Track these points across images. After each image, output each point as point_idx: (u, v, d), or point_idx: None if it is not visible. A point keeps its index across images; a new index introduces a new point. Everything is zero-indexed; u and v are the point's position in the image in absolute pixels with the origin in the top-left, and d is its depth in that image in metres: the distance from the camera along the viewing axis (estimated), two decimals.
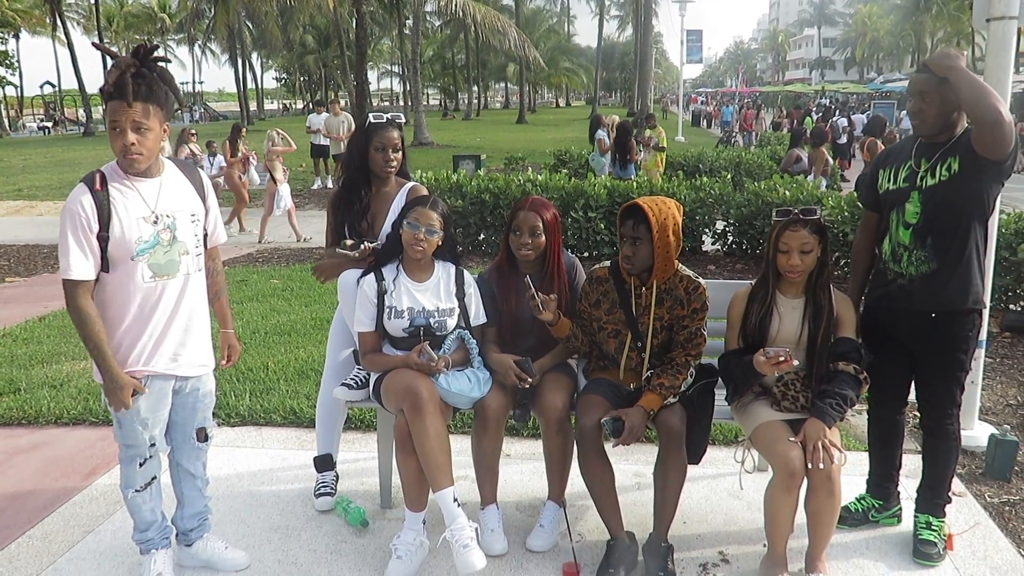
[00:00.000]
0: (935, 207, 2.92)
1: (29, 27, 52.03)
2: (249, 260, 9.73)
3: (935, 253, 2.94)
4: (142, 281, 2.63)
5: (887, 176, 3.09)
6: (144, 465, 2.81)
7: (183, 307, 2.74)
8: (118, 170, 2.61)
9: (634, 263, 2.99)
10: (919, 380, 3.13)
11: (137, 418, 2.71)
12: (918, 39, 60.05)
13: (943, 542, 3.10)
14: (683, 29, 34.79)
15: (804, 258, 2.90)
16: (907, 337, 3.07)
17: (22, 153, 30.23)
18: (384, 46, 69.55)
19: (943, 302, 2.96)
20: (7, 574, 3.05)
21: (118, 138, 2.51)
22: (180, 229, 2.69)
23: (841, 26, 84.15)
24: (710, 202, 9.10)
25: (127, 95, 2.46)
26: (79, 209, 2.50)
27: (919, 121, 2.92)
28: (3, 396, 4.93)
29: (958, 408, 3.11)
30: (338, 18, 34.63)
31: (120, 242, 2.56)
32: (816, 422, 2.77)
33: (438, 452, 2.86)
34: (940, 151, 2.92)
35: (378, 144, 3.32)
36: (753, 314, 3.02)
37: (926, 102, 2.87)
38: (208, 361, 2.91)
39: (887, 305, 3.10)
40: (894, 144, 3.22)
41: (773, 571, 2.89)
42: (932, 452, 3.15)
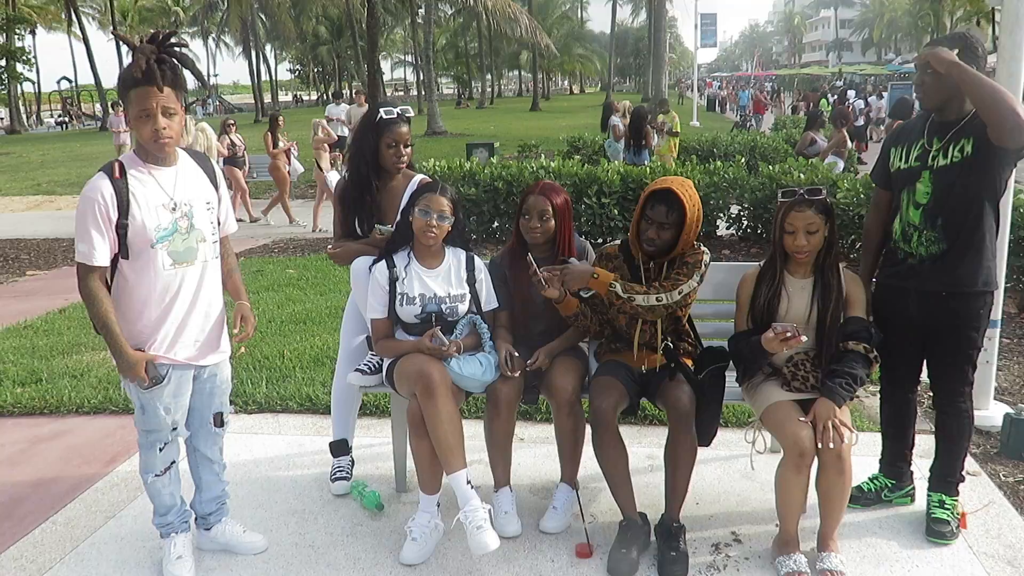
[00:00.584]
0: (946, 188, 2.90)
1: (45, 23, 52.43)
2: (265, 251, 9.80)
3: (945, 234, 2.93)
4: (162, 268, 2.67)
5: (899, 154, 3.08)
6: (164, 450, 2.86)
7: (202, 294, 2.79)
8: (137, 159, 2.65)
9: (658, 245, 3.01)
10: (931, 359, 3.12)
11: (161, 404, 2.76)
12: (937, 19, 59.21)
13: (956, 520, 3.10)
14: (697, 13, 34.54)
15: (810, 238, 2.90)
16: (919, 316, 3.06)
17: (40, 148, 30.55)
18: (397, 36, 69.48)
19: (953, 283, 2.95)
20: (32, 558, 3.13)
21: (147, 124, 2.55)
22: (197, 217, 2.73)
23: (858, 7, 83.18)
24: (724, 186, 9.06)
25: (156, 80, 2.50)
26: (98, 197, 2.54)
27: (923, 94, 2.92)
28: (25, 386, 5.01)
29: (970, 386, 3.10)
30: (350, 8, 34.68)
31: (140, 229, 2.60)
32: (826, 402, 2.78)
33: (451, 435, 2.89)
34: (952, 131, 2.90)
35: (390, 140, 3.32)
36: (762, 295, 3.02)
37: (928, 74, 2.86)
38: (225, 348, 2.96)
39: (898, 284, 3.09)
40: (907, 122, 3.20)
41: (785, 550, 2.90)
42: (945, 430, 3.14)
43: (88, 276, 2.60)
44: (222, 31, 57.02)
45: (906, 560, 2.96)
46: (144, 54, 2.50)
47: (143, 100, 2.52)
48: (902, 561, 2.96)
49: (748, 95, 32.98)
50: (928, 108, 2.97)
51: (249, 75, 50.40)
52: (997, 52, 3.96)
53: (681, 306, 3.03)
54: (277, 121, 12.01)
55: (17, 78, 39.85)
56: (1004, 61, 3.91)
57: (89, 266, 2.59)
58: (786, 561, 2.87)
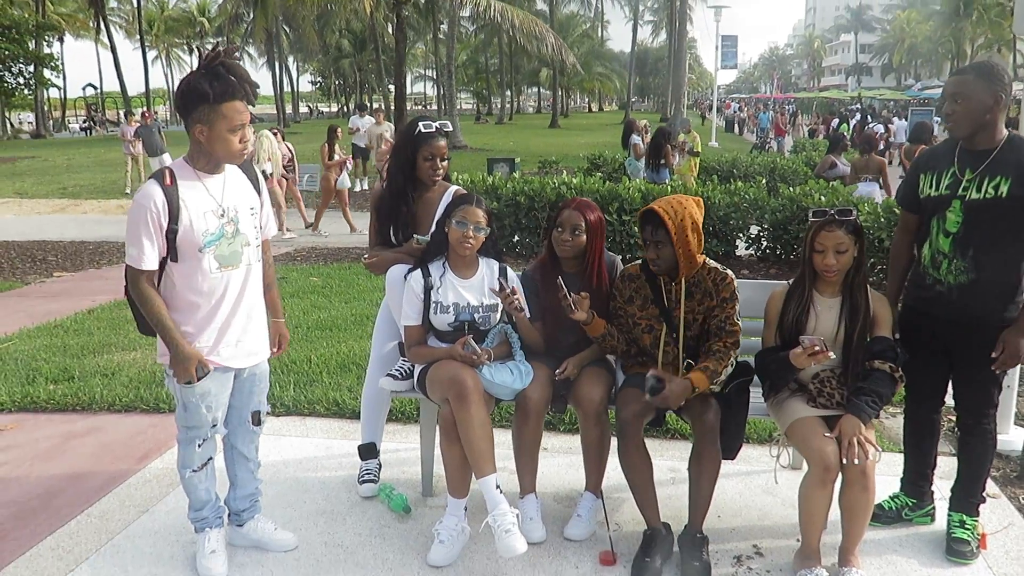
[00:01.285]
0: (978, 221, 2.93)
1: (73, 31, 53.29)
2: (288, 259, 9.93)
3: (975, 264, 2.96)
4: (209, 272, 2.77)
5: (929, 181, 3.10)
6: (203, 446, 2.95)
7: (246, 296, 2.89)
8: (187, 166, 2.75)
9: (659, 264, 3.08)
10: (957, 379, 3.16)
11: (203, 402, 2.85)
12: (957, 45, 59.14)
13: (976, 541, 3.13)
14: (718, 34, 34.63)
15: (840, 258, 2.96)
16: (945, 340, 3.11)
17: (66, 153, 30.99)
18: (418, 50, 70.07)
19: (981, 313, 2.99)
20: (69, 548, 3.21)
21: (235, 137, 2.67)
22: (242, 222, 2.83)
23: (878, 32, 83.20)
24: (744, 207, 9.12)
25: (249, 96, 2.64)
26: (151, 205, 2.63)
27: (952, 124, 2.95)
28: (58, 383, 5.13)
29: (995, 408, 3.14)
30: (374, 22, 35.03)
31: (188, 234, 2.70)
32: (852, 418, 2.83)
33: (482, 440, 2.97)
34: (985, 162, 2.92)
35: (427, 153, 3.41)
36: (790, 312, 3.08)
37: (959, 103, 2.90)
38: (265, 349, 3.05)
39: (925, 309, 3.14)
40: (935, 147, 3.23)
41: (807, 564, 2.95)
42: (968, 451, 3.18)
43: (138, 279, 2.70)
44: (246, 42, 57.66)
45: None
46: (238, 71, 2.61)
47: (236, 115, 2.64)
48: None
49: (769, 117, 33.00)
50: (958, 137, 3.00)
51: (272, 86, 50.98)
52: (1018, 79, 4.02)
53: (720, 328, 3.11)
54: (336, 132, 12.04)
55: (45, 84, 40.49)
56: None
57: (138, 270, 2.69)
58: (807, 575, 2.91)
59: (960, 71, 2.98)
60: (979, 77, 2.87)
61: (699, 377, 2.99)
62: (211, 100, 2.59)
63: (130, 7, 58.30)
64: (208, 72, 2.59)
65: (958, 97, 2.90)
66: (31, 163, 26.33)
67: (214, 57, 2.60)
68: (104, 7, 48.10)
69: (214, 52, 2.62)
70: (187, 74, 2.68)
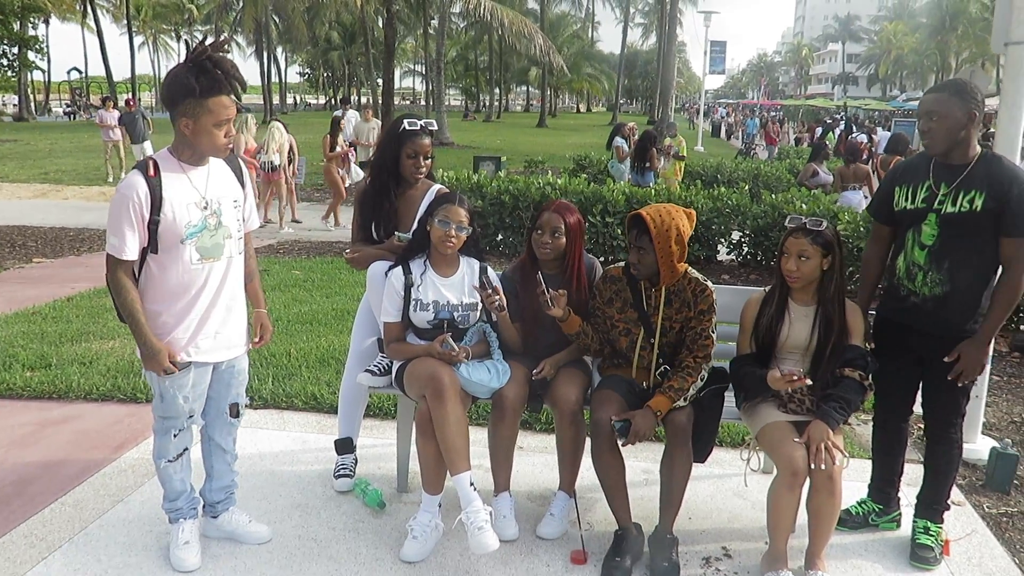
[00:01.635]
0: (954, 234, 3.01)
1: (60, 13, 52.67)
2: (270, 251, 9.91)
3: (950, 276, 3.04)
4: (190, 263, 2.78)
5: (904, 194, 3.16)
6: (178, 436, 2.96)
7: (226, 289, 2.90)
8: (171, 158, 2.76)
9: (640, 269, 3.14)
10: (927, 388, 3.23)
11: (180, 392, 2.87)
12: (943, 58, 59.78)
13: (940, 547, 3.20)
14: (707, 40, 34.85)
15: (801, 264, 3.01)
16: (919, 349, 3.17)
17: (48, 137, 30.67)
18: (408, 45, 69.93)
19: (954, 324, 3.06)
20: (42, 536, 3.21)
21: (220, 132, 2.69)
22: (225, 214, 2.85)
23: (866, 42, 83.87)
24: (727, 212, 9.20)
25: (237, 91, 2.66)
26: (133, 195, 2.64)
27: (929, 140, 3.02)
28: (35, 370, 5.11)
29: (962, 417, 3.22)
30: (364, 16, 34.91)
31: (171, 225, 2.70)
32: (820, 424, 2.89)
33: (457, 437, 3.00)
34: (960, 176, 3.00)
35: (411, 151, 3.44)
36: (765, 317, 3.13)
37: (934, 121, 2.98)
38: (244, 341, 3.07)
39: (899, 320, 3.20)
40: (910, 159, 3.31)
41: (774, 566, 3.00)
42: (934, 458, 3.25)
43: (116, 268, 2.71)
44: (235, 31, 57.26)
45: None
46: (224, 65, 2.61)
47: (223, 110, 2.65)
48: None
49: (756, 124, 33.15)
50: (934, 154, 3.07)
51: (260, 76, 50.69)
52: (1000, 97, 4.10)
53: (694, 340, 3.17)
54: (339, 124, 12.00)
55: (28, 66, 40.03)
56: (1007, 107, 4.04)
57: (118, 259, 2.70)
58: None
59: (935, 89, 3.06)
60: (953, 95, 2.96)
61: (660, 401, 3.04)
62: (197, 94, 2.60)
63: None
64: (195, 66, 2.59)
65: (934, 115, 2.98)
66: (13, 147, 26.03)
67: (202, 51, 2.60)
68: None
69: (201, 46, 2.63)
70: (174, 66, 2.68)
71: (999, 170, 2.96)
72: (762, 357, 3.15)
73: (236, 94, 2.68)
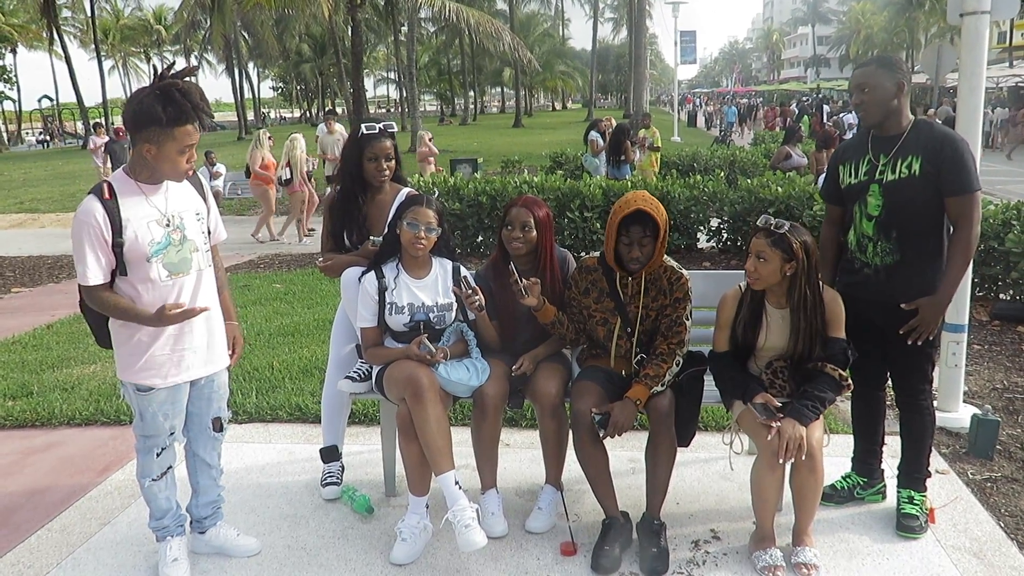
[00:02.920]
0: (897, 201, 3.09)
1: (26, 42, 52.32)
2: (251, 266, 9.87)
3: (899, 245, 3.11)
4: (159, 280, 2.77)
5: (847, 171, 3.26)
6: (161, 455, 2.95)
7: (200, 302, 2.89)
8: (127, 179, 2.74)
9: (641, 262, 3.14)
10: (891, 359, 3.28)
11: (160, 410, 2.86)
12: (912, 35, 60.18)
13: (925, 515, 3.23)
14: (676, 30, 34.96)
15: (759, 265, 2.98)
16: (877, 321, 3.22)
17: (22, 167, 30.42)
18: (380, 53, 69.80)
19: (909, 292, 3.11)
20: (29, 564, 3.19)
21: (183, 159, 2.67)
22: (188, 228, 2.84)
23: (835, 24, 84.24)
24: (704, 199, 9.24)
25: (203, 120, 2.65)
26: (91, 220, 2.63)
27: (864, 112, 3.14)
28: (16, 399, 5.07)
29: (930, 384, 3.27)
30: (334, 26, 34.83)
31: (134, 245, 2.69)
32: (792, 421, 2.88)
33: (439, 437, 3.00)
34: (896, 145, 3.10)
35: (371, 154, 3.45)
36: (741, 321, 3.13)
37: (866, 93, 3.09)
38: (224, 356, 3.06)
39: (855, 294, 3.25)
40: (850, 139, 3.41)
41: (761, 545, 3.02)
42: (908, 428, 3.30)
43: (92, 293, 2.71)
44: (205, 49, 57.00)
45: (877, 553, 3.09)
46: (193, 97, 2.59)
47: (187, 138, 2.64)
48: (873, 554, 3.09)
49: (735, 112, 33.13)
50: (869, 125, 3.18)
51: (232, 93, 50.47)
52: (959, 68, 4.14)
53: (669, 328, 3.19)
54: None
55: None
56: (966, 77, 4.09)
57: (90, 286, 2.69)
58: (762, 556, 2.99)
59: (863, 64, 3.18)
60: (881, 67, 3.08)
61: (637, 390, 3.06)
62: (164, 124, 2.58)
63: (84, 16, 57.31)
64: (163, 94, 2.57)
65: (864, 87, 3.09)
66: None
67: (170, 80, 2.59)
68: (57, 17, 47.19)
69: (168, 72, 2.62)
70: (139, 89, 2.65)
71: (930, 133, 3.05)
72: (741, 355, 3.17)
73: (202, 123, 2.66)
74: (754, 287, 3.06)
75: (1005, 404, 4.62)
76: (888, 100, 3.06)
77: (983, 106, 4.14)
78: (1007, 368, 5.24)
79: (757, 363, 3.17)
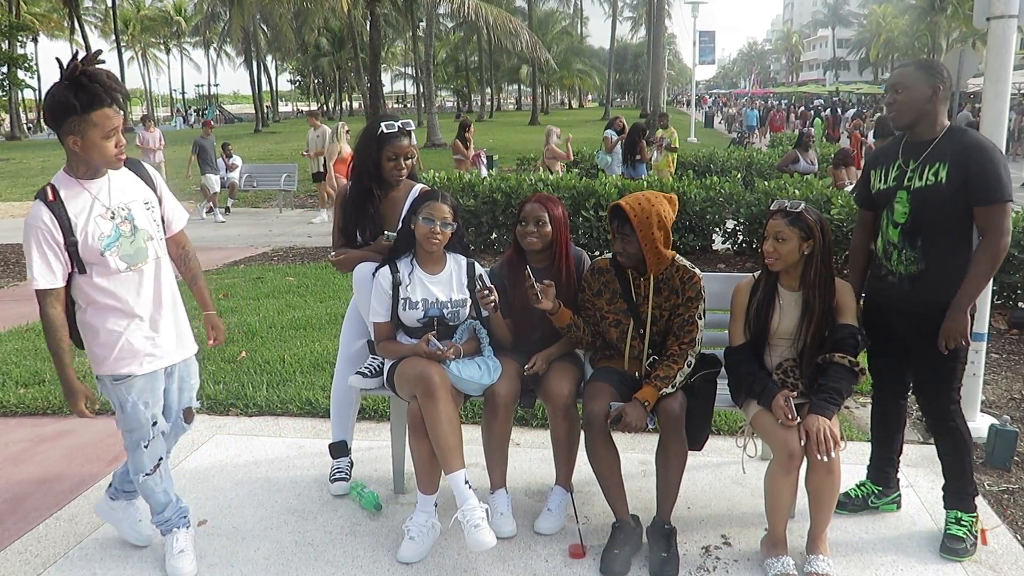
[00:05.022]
0: (923, 209, 3.01)
1: (48, 31, 52.70)
2: (265, 258, 9.89)
3: (924, 254, 3.03)
4: (119, 272, 2.78)
5: (878, 176, 3.19)
6: (149, 447, 2.96)
7: (165, 288, 2.92)
8: (68, 177, 2.74)
9: (625, 258, 3.13)
10: (916, 375, 3.20)
11: (140, 399, 2.88)
12: (933, 39, 59.73)
13: (975, 537, 3.11)
14: (695, 30, 34.82)
15: (778, 246, 2.98)
16: (902, 330, 3.15)
17: (40, 155, 30.64)
18: (397, 48, 69.86)
19: (933, 302, 3.02)
20: (37, 552, 3.19)
21: (110, 142, 2.66)
22: (138, 218, 2.84)
23: (855, 27, 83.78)
24: (720, 201, 9.17)
25: (119, 101, 2.63)
26: (39, 223, 2.64)
27: (894, 113, 3.05)
28: (28, 387, 5.08)
29: (957, 404, 3.13)
30: (352, 20, 34.89)
31: (86, 243, 2.70)
32: (816, 416, 2.84)
33: (450, 435, 2.97)
34: (927, 151, 3.01)
35: (390, 153, 3.42)
36: (754, 305, 3.11)
37: (899, 93, 3.02)
38: (192, 343, 3.09)
39: (881, 300, 3.20)
40: (884, 144, 3.34)
41: (773, 552, 2.98)
42: (942, 448, 3.18)
43: (45, 300, 2.71)
44: (224, 41, 57.25)
45: (891, 564, 3.04)
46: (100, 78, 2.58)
47: (107, 121, 2.62)
48: (887, 565, 3.04)
49: (756, 115, 32.55)
50: (899, 128, 3.10)
51: (250, 85, 50.65)
52: (985, 72, 4.08)
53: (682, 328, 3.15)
54: (468, 127, 11.90)
55: (19, 85, 39.95)
56: (992, 82, 4.02)
57: (43, 290, 2.70)
58: (774, 563, 2.94)
59: (901, 64, 3.10)
60: (918, 69, 3.01)
61: (647, 391, 3.02)
62: (79, 111, 2.57)
63: (105, 6, 57.70)
64: (72, 83, 2.56)
65: (899, 87, 3.02)
66: (5, 166, 26.02)
67: (74, 68, 2.57)
68: (78, 7, 47.62)
69: (73, 62, 2.59)
70: (52, 85, 2.64)
71: (960, 140, 2.96)
72: (755, 346, 3.12)
73: (118, 104, 2.64)
74: (773, 268, 3.04)
75: (1022, 414, 4.55)
76: (921, 103, 2.98)
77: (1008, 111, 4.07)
78: None
79: (771, 356, 3.12)
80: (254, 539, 3.27)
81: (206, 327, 3.17)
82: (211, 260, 9.82)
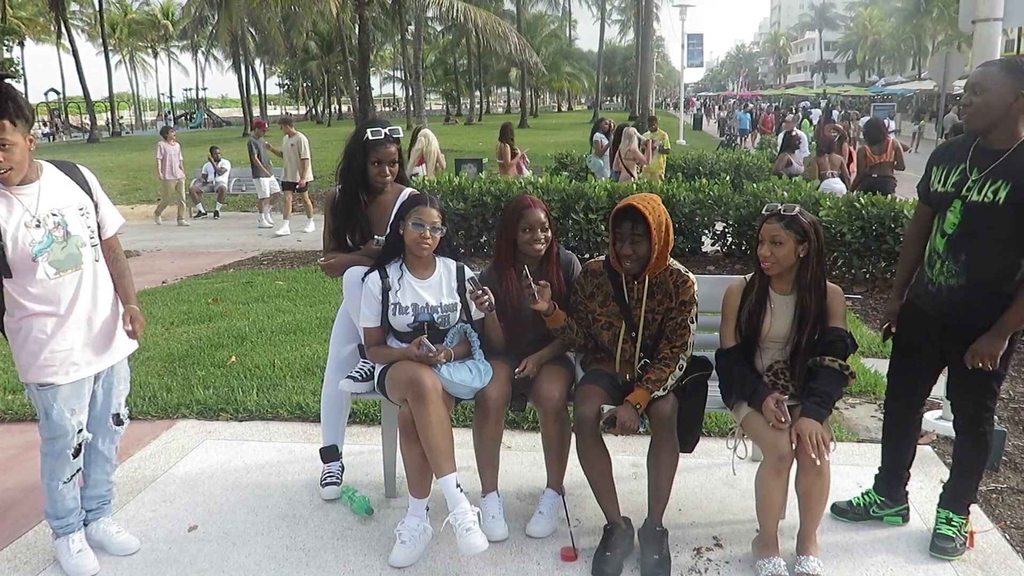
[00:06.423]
0: (974, 225, 2.84)
1: (34, 35, 52.38)
2: (254, 263, 9.86)
3: (966, 269, 2.88)
4: (47, 279, 2.78)
5: (939, 175, 3.01)
6: (76, 456, 2.97)
7: (99, 294, 2.93)
8: None
9: (634, 261, 3.09)
10: (952, 381, 3.10)
11: (66, 406, 2.87)
12: (919, 41, 60.20)
13: (963, 539, 3.12)
14: (684, 33, 34.94)
15: (775, 249, 2.97)
16: (936, 339, 3.06)
17: None
18: (386, 52, 69.76)
19: (969, 318, 2.92)
20: (26, 559, 3.17)
21: None
22: (71, 224, 2.84)
23: (842, 29, 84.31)
24: (709, 203, 9.20)
25: (11, 114, 2.62)
26: None
27: (968, 115, 2.84)
28: (16, 393, 5.05)
29: (990, 412, 3.06)
30: (341, 24, 34.85)
31: (15, 249, 2.71)
32: (808, 420, 2.86)
33: (441, 439, 2.97)
34: (995, 163, 2.81)
35: (375, 159, 3.44)
36: (746, 308, 3.11)
37: (977, 95, 2.79)
38: (122, 347, 3.08)
39: (920, 305, 3.11)
40: (955, 139, 3.07)
41: (765, 553, 2.99)
42: (961, 453, 3.14)
43: None
44: (212, 45, 57.12)
45: (881, 564, 3.06)
46: None
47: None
48: (877, 565, 3.05)
49: (748, 117, 32.40)
50: (973, 131, 2.89)
51: (238, 89, 50.48)
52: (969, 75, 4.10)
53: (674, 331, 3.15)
54: (511, 131, 11.79)
55: None
56: None
57: None
58: (766, 564, 2.95)
59: (988, 63, 2.86)
60: (1003, 71, 2.76)
61: (639, 394, 3.03)
62: None
63: (92, 10, 57.39)
64: None
65: (978, 88, 2.79)
66: None
67: None
68: (65, 10, 47.24)
69: None
70: None
71: None
72: (746, 348, 3.13)
73: (10, 117, 2.63)
74: (769, 272, 3.04)
75: (1011, 415, 4.58)
76: (999, 109, 2.74)
77: None
78: (1013, 378, 5.19)
79: (762, 358, 3.14)
80: (245, 544, 3.25)
81: (124, 316, 3.05)
82: (200, 265, 9.79)
